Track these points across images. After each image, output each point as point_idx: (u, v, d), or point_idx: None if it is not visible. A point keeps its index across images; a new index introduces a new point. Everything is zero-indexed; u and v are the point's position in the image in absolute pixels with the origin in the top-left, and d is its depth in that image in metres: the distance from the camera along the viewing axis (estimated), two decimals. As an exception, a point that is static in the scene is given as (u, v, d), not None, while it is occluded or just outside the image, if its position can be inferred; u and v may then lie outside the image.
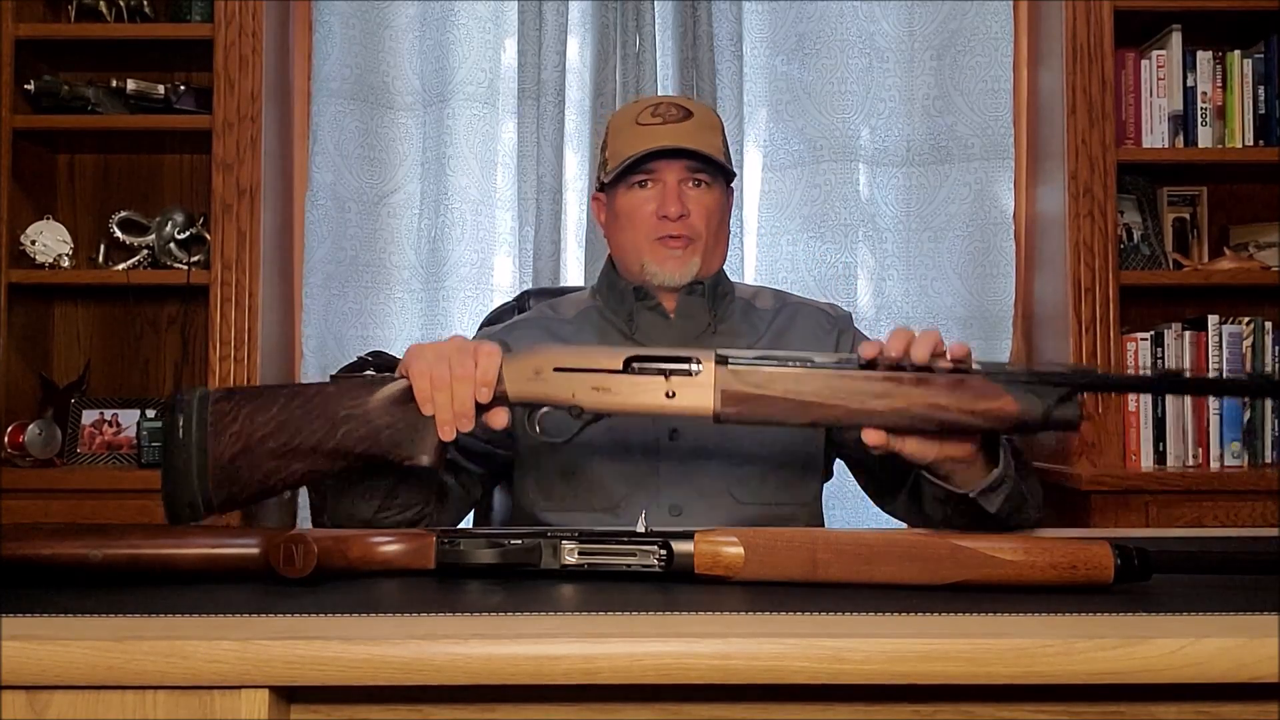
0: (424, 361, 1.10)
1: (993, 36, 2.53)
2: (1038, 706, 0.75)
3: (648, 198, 1.42)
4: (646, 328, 1.45)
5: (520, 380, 1.09)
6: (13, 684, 0.70)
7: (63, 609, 0.78)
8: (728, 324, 1.47)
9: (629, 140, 1.43)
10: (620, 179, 1.43)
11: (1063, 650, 0.70)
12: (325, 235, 2.56)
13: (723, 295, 1.48)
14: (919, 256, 2.57)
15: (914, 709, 0.76)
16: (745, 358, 1.06)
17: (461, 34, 2.58)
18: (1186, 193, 2.55)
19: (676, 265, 1.42)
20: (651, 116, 1.43)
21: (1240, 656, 0.70)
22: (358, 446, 1.07)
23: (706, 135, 1.43)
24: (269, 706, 0.71)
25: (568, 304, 1.55)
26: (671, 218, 1.40)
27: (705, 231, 1.43)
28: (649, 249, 1.42)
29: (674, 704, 0.75)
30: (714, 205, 1.44)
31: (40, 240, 2.44)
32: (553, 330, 1.49)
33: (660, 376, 1.06)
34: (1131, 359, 2.37)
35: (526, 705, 0.75)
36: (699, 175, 1.42)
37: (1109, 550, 0.86)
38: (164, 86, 2.50)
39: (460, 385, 1.08)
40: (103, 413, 2.49)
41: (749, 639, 0.71)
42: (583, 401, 1.07)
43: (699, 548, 0.89)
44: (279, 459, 1.06)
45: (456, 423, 1.08)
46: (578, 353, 1.10)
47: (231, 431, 1.06)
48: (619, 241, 1.47)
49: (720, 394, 1.04)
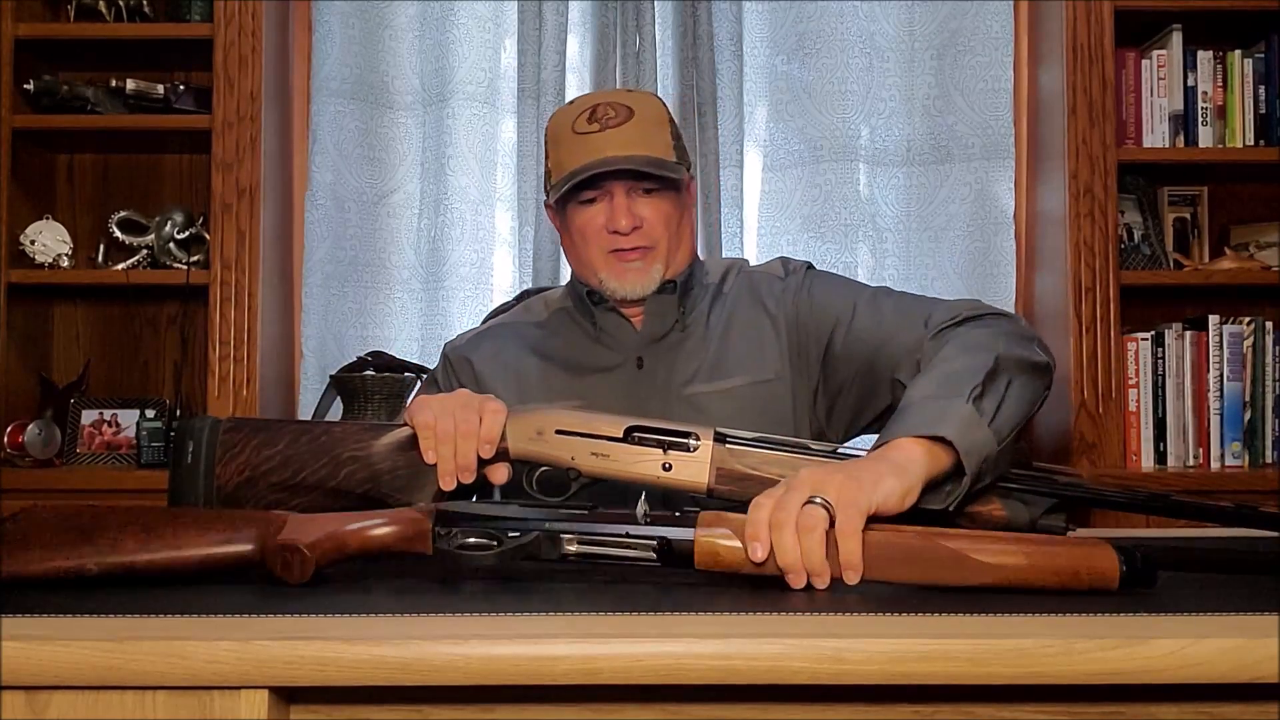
0: (429, 413, 1.11)
1: (993, 36, 2.53)
2: (1038, 706, 0.75)
3: (597, 212, 1.37)
4: (611, 329, 1.43)
5: (522, 439, 1.11)
6: (13, 684, 0.70)
7: (62, 609, 0.78)
8: (694, 315, 1.44)
9: (570, 152, 1.36)
10: (567, 196, 1.38)
11: (1063, 650, 0.70)
12: (325, 235, 2.56)
13: (691, 290, 1.44)
14: (919, 256, 2.57)
15: (914, 709, 0.76)
16: (743, 438, 1.08)
17: (461, 34, 2.58)
18: (1187, 193, 2.55)
19: (636, 277, 1.38)
20: (589, 123, 1.36)
21: (1240, 657, 0.70)
22: (359, 488, 1.10)
23: (652, 134, 1.37)
24: (269, 707, 0.71)
25: (544, 302, 1.52)
26: (623, 231, 1.35)
27: (664, 237, 1.38)
28: (604, 264, 1.38)
29: (674, 704, 0.75)
30: (670, 209, 1.38)
31: (40, 240, 2.44)
32: (523, 335, 1.47)
33: (659, 449, 1.08)
34: (1132, 359, 2.37)
35: (526, 705, 0.75)
36: (647, 184, 1.37)
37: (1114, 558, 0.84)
38: (163, 86, 2.50)
39: (464, 441, 1.10)
40: (102, 413, 2.49)
41: (749, 639, 0.71)
42: (580, 465, 1.10)
43: (699, 541, 0.89)
44: (282, 492, 1.09)
45: (458, 475, 1.10)
46: (580, 418, 1.12)
47: (238, 462, 1.09)
48: (574, 258, 1.43)
49: (715, 472, 1.07)
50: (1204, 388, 2.37)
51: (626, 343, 1.42)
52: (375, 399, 2.35)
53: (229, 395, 2.37)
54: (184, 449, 1.09)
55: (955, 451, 1.00)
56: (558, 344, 1.45)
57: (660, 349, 1.42)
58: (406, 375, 2.39)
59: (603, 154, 1.34)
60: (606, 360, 1.42)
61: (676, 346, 1.42)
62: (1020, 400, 1.12)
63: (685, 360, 1.41)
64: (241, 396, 2.37)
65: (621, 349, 1.42)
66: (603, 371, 1.41)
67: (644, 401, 1.38)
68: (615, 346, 1.43)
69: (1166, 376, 2.37)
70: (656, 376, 1.40)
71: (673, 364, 1.41)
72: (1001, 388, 1.10)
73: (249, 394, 2.37)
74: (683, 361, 1.41)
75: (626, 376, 1.41)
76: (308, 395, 2.52)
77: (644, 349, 1.42)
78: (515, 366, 1.43)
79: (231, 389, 2.37)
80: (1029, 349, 1.20)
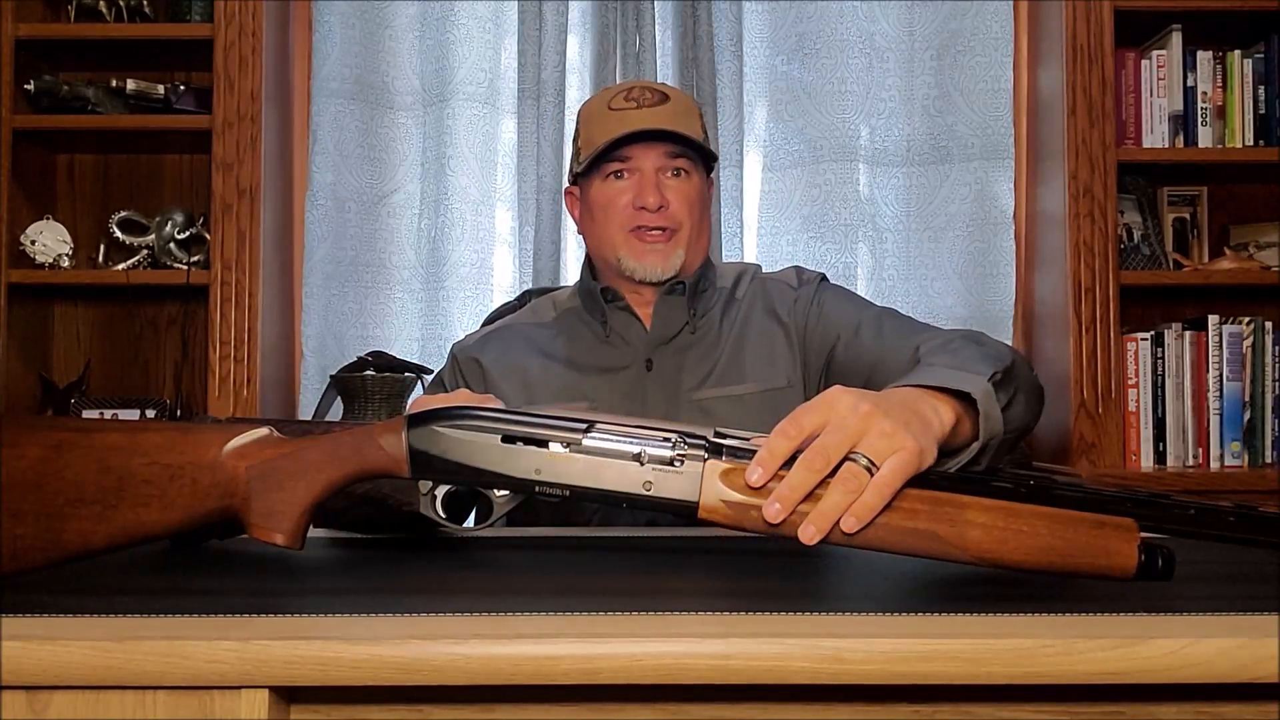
0: None
1: (993, 36, 2.53)
2: (1038, 706, 0.75)
3: (624, 188, 1.36)
4: (621, 329, 1.42)
5: None
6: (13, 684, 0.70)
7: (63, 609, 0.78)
8: (706, 318, 1.43)
9: (602, 127, 1.36)
10: (594, 169, 1.37)
11: (1063, 650, 0.70)
12: (325, 235, 2.56)
13: (702, 292, 1.44)
14: (919, 256, 2.57)
15: (914, 709, 0.75)
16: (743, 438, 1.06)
17: (461, 34, 2.58)
18: (1186, 193, 2.55)
19: (658, 259, 1.37)
20: (625, 101, 1.36)
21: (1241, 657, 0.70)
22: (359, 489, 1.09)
23: (684, 119, 1.37)
24: (269, 707, 0.71)
25: (552, 303, 1.52)
26: (650, 208, 1.35)
27: (688, 221, 1.37)
28: (625, 243, 1.37)
29: (674, 704, 0.75)
30: (695, 194, 1.38)
31: (40, 240, 2.44)
32: (531, 337, 1.46)
33: None
34: (1131, 359, 2.37)
35: (526, 705, 0.75)
36: (678, 163, 1.37)
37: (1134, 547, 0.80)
38: (164, 86, 2.50)
39: None
40: (102, 413, 2.49)
41: (749, 639, 0.70)
42: None
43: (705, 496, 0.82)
44: None
45: None
46: None
47: None
48: (594, 236, 1.42)
49: None
50: (1204, 388, 2.37)
51: (636, 343, 1.42)
52: (375, 399, 2.35)
53: (229, 395, 2.37)
54: None
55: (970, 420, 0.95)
56: (566, 344, 1.44)
57: (669, 351, 1.41)
58: (406, 375, 2.39)
59: (636, 125, 1.34)
60: (615, 361, 1.42)
61: (686, 349, 1.41)
62: (1023, 411, 1.10)
63: (695, 364, 1.40)
64: (242, 396, 2.37)
65: (630, 350, 1.42)
66: (611, 372, 1.41)
67: (650, 403, 1.37)
68: (624, 347, 1.42)
69: (1166, 376, 2.37)
70: (665, 378, 1.39)
71: (681, 366, 1.40)
72: (1012, 389, 1.07)
73: (249, 394, 2.37)
74: (692, 365, 1.40)
75: (634, 377, 1.40)
76: (308, 395, 2.52)
77: (653, 350, 1.41)
78: (523, 367, 1.43)
79: (232, 389, 2.37)
80: (1031, 374, 1.19)
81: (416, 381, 2.41)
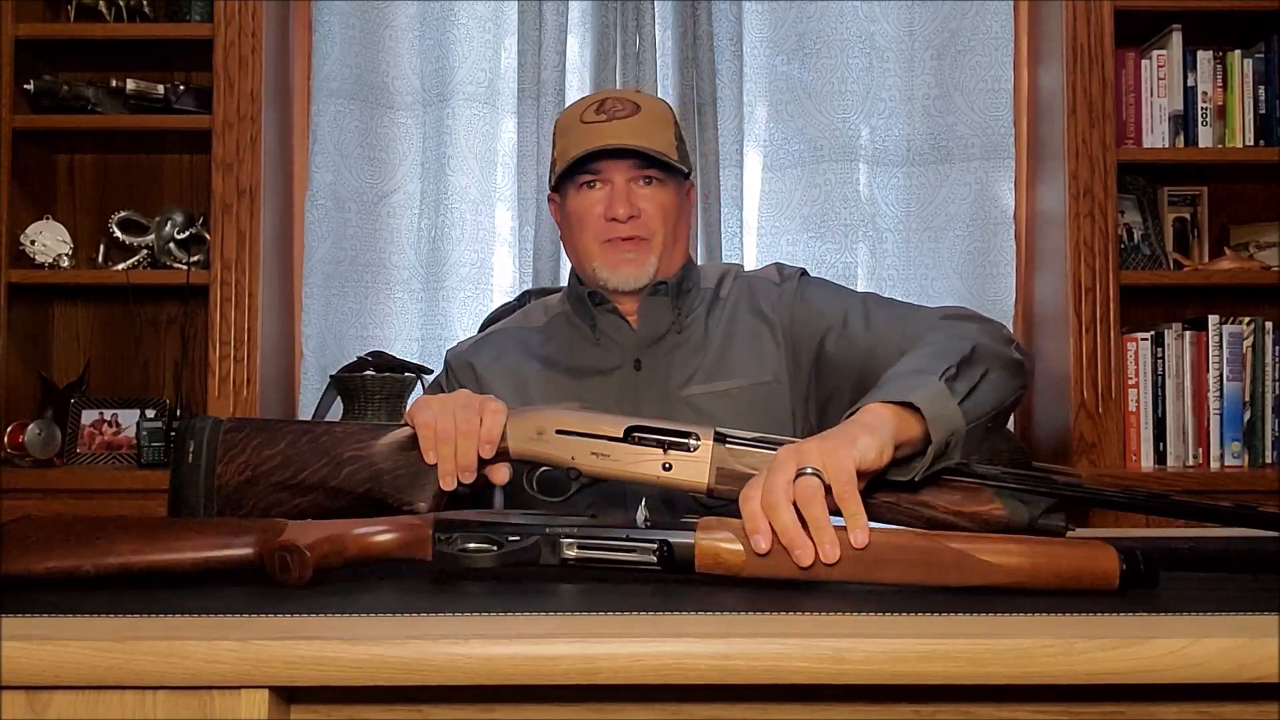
0: (430, 413, 1.11)
1: (993, 36, 2.53)
2: (1038, 706, 0.75)
3: (597, 199, 1.38)
4: (610, 331, 1.43)
5: (523, 439, 1.11)
6: (13, 684, 0.70)
7: (62, 609, 0.78)
8: (691, 317, 1.45)
9: (575, 139, 1.39)
10: (568, 179, 1.40)
11: (1063, 650, 0.70)
12: (325, 235, 2.56)
13: (687, 292, 1.45)
14: (919, 256, 2.57)
15: (914, 709, 0.76)
16: (743, 438, 1.07)
17: (461, 34, 2.58)
18: (1187, 193, 2.55)
19: (630, 269, 1.39)
20: (596, 114, 1.38)
21: (1240, 657, 0.70)
22: (359, 487, 1.10)
23: (655, 130, 1.39)
24: (269, 707, 0.71)
25: (544, 307, 1.53)
26: (621, 219, 1.37)
27: (661, 229, 1.39)
28: (599, 252, 1.39)
29: (674, 704, 0.75)
30: (669, 202, 1.40)
31: (40, 240, 2.44)
32: (523, 341, 1.48)
33: (659, 449, 1.07)
34: (1131, 359, 2.37)
35: (526, 705, 0.75)
36: (648, 173, 1.38)
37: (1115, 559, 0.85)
38: (164, 86, 2.50)
39: (465, 440, 1.10)
40: (102, 413, 2.49)
41: (749, 639, 0.71)
42: (581, 465, 1.09)
43: (700, 545, 0.89)
44: (282, 492, 1.09)
45: (459, 475, 1.10)
46: (581, 418, 1.11)
47: (239, 461, 1.09)
48: (571, 245, 1.44)
49: (715, 471, 1.06)
50: (1204, 388, 2.37)
51: (624, 344, 1.43)
52: (375, 399, 2.35)
53: (229, 395, 2.37)
54: (185, 449, 1.10)
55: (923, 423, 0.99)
56: (557, 348, 1.46)
57: (658, 351, 1.43)
58: (407, 375, 2.39)
59: (607, 140, 1.36)
60: (605, 362, 1.43)
61: (674, 349, 1.43)
62: (994, 390, 1.13)
63: (683, 362, 1.42)
64: (242, 396, 2.37)
65: (620, 351, 1.43)
66: (602, 374, 1.42)
67: (643, 403, 1.38)
68: (613, 348, 1.43)
69: (1166, 376, 2.37)
70: (654, 378, 1.41)
71: (670, 365, 1.42)
72: (976, 375, 1.11)
73: (249, 394, 2.37)
74: (680, 363, 1.42)
75: (625, 378, 1.42)
76: (308, 395, 2.52)
77: (642, 351, 1.42)
78: (516, 370, 1.44)
79: (232, 389, 2.37)
80: (1006, 348, 1.22)
81: (416, 381, 2.41)
